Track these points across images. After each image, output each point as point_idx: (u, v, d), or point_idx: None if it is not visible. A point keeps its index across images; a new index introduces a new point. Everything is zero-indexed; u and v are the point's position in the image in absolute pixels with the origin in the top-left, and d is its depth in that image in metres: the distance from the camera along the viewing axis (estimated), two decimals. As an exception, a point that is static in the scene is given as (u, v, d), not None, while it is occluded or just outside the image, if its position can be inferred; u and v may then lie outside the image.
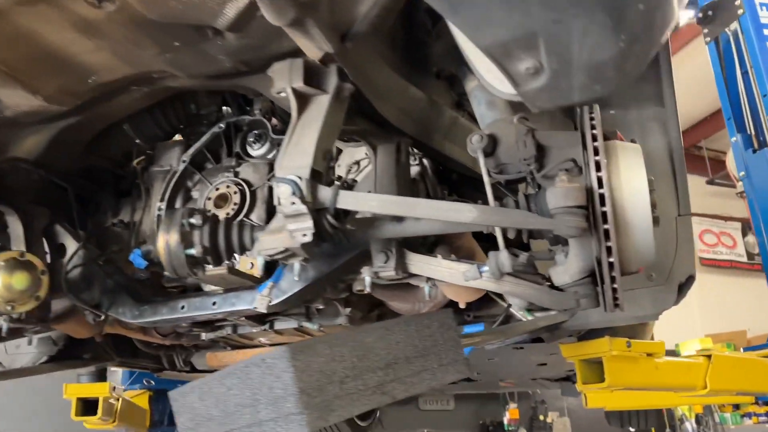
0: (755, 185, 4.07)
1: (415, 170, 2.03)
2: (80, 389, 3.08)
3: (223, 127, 2.21)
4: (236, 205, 2.08)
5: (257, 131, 2.18)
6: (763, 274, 4.11)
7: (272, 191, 1.62)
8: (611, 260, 1.28)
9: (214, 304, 1.92)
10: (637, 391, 3.41)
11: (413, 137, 1.80)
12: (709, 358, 2.74)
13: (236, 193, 2.10)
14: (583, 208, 1.26)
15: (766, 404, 7.40)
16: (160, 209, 2.17)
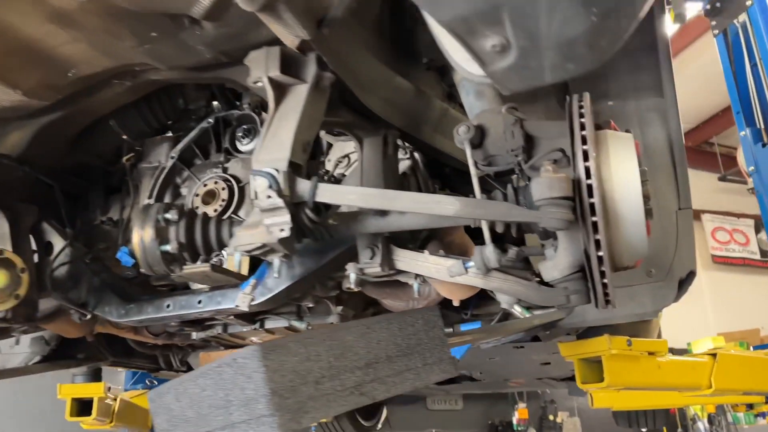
0: (765, 180, 3.98)
1: (406, 164, 1.98)
2: (75, 389, 3.05)
3: (211, 122, 2.17)
4: (224, 201, 2.03)
5: (246, 126, 2.14)
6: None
7: None
8: (600, 254, 1.22)
9: (199, 302, 1.88)
10: (641, 390, 3.34)
11: (401, 129, 1.74)
12: (714, 356, 2.66)
13: (224, 189, 2.05)
14: (569, 199, 1.20)
15: (780, 404, 7.27)
16: None
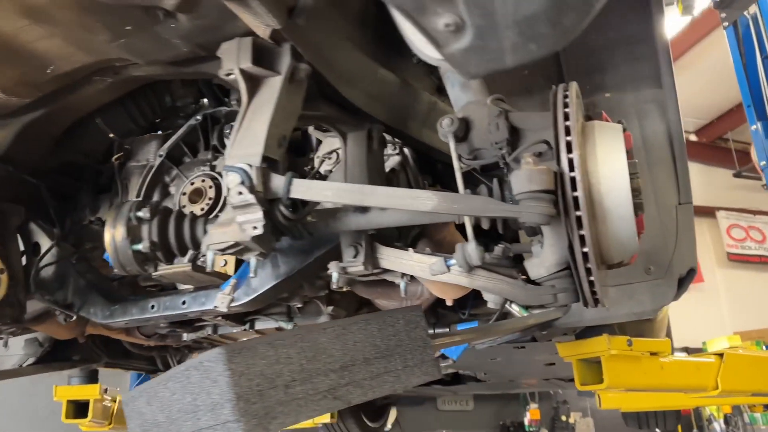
0: (778, 175, 3.87)
1: (396, 160, 1.92)
2: (70, 391, 3.02)
3: (199, 119, 2.13)
4: (211, 199, 1.98)
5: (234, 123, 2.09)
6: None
7: None
8: (585, 250, 1.16)
9: (183, 303, 1.84)
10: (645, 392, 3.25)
11: (386, 124, 1.68)
12: (721, 357, 2.58)
13: (211, 187, 2.01)
14: (550, 192, 1.14)
15: (798, 404, 7.13)
16: None
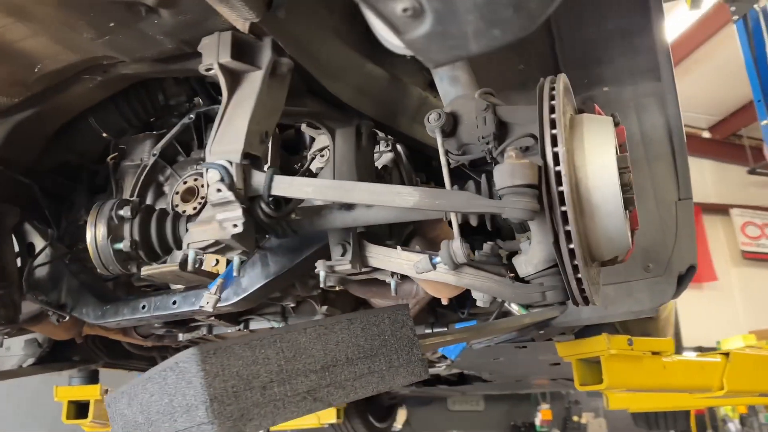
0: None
1: (388, 157, 1.89)
2: (71, 392, 3.02)
3: (193, 117, 2.11)
4: (203, 198, 1.97)
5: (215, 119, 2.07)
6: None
7: None
8: (571, 247, 1.12)
9: (174, 303, 1.82)
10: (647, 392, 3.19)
11: (375, 120, 1.65)
12: (727, 356, 2.52)
13: (203, 186, 1.99)
14: (533, 187, 1.10)
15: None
16: None
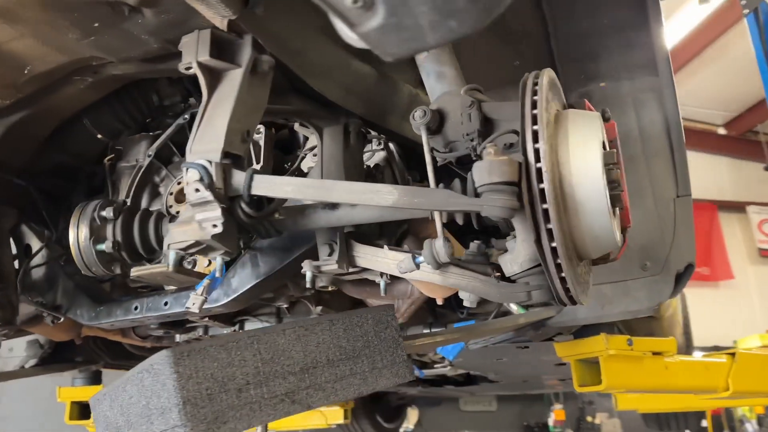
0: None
1: (381, 155, 1.87)
2: (74, 392, 3.04)
3: (187, 118, 2.10)
4: (196, 199, 1.96)
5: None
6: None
7: None
8: (554, 245, 1.09)
9: (165, 304, 1.81)
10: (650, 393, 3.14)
11: (363, 118, 1.63)
12: (733, 356, 2.46)
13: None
14: (513, 184, 1.08)
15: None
16: None
